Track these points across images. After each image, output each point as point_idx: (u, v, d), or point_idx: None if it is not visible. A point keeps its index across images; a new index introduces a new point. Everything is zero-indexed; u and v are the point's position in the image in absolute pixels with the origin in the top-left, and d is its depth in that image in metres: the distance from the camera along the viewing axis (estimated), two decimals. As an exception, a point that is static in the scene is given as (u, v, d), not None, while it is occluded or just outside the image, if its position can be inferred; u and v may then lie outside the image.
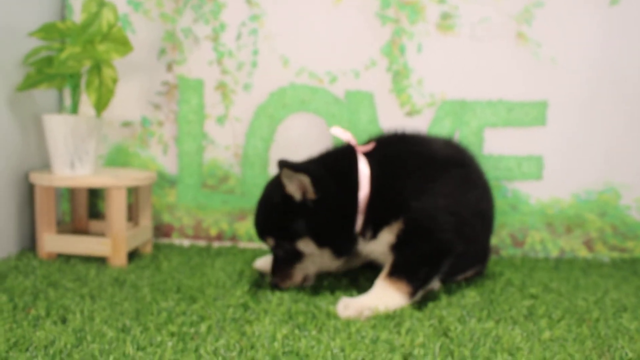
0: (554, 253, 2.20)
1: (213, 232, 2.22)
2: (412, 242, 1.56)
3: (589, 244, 2.20)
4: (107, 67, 1.86)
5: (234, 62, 2.18)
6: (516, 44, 2.14)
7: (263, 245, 2.18)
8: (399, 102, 2.15)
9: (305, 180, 1.50)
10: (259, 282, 1.71)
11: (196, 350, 1.16)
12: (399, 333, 1.31)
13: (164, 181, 2.21)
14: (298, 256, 1.60)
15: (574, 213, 2.18)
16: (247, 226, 2.21)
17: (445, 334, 1.32)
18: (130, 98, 2.19)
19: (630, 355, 1.23)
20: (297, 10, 2.16)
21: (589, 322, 1.43)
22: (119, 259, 1.85)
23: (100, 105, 1.86)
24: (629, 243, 2.19)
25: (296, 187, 1.52)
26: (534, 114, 2.15)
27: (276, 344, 1.20)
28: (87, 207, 2.15)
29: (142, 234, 2.01)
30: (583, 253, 2.20)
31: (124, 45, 1.84)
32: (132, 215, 2.09)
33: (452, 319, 1.41)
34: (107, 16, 1.78)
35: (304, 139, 2.16)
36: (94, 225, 2.16)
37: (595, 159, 2.17)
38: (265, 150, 2.19)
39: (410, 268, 1.55)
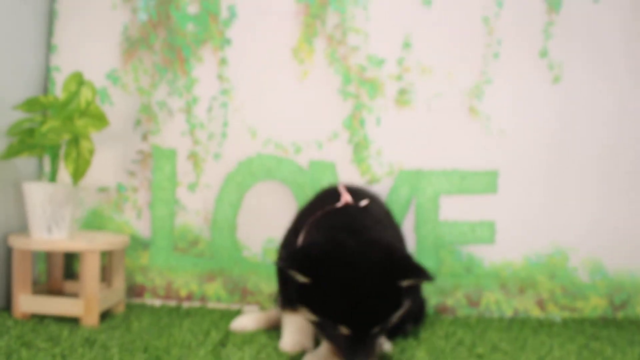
0: (509, 313, 2.32)
1: (183, 292, 2.32)
2: None
3: (541, 304, 2.32)
4: (84, 140, 1.99)
5: (205, 133, 2.33)
6: (468, 117, 2.31)
7: (230, 306, 2.29)
8: (359, 171, 2.30)
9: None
10: (223, 341, 1.80)
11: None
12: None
13: (137, 244, 2.33)
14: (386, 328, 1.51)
15: (525, 275, 2.32)
16: (215, 287, 2.32)
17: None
18: (107, 165, 2.33)
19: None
20: (265, 85, 2.32)
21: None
22: (91, 319, 1.94)
23: (77, 175, 1.99)
24: (579, 303, 2.32)
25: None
26: (485, 182, 2.30)
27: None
28: (63, 268, 2.25)
29: (115, 295, 2.11)
30: (536, 312, 2.32)
31: (100, 121, 1.98)
32: (106, 276, 2.19)
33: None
34: (85, 94, 1.93)
35: (270, 206, 2.30)
36: (69, 285, 2.25)
37: (544, 223, 2.32)
38: (234, 215, 2.32)
39: None
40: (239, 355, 1.66)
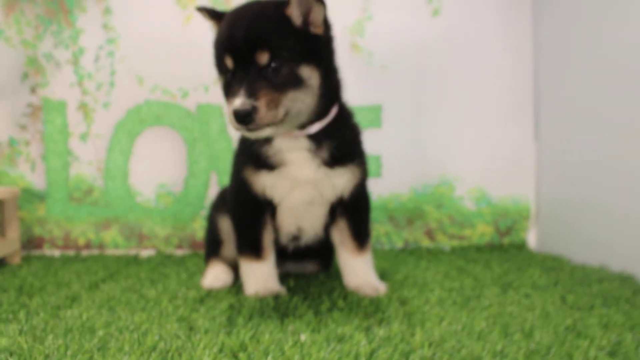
0: (399, 244, 2.41)
1: (81, 241, 2.38)
2: (363, 199, 1.74)
3: (430, 234, 2.41)
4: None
5: (94, 83, 2.35)
6: (350, 54, 2.36)
7: (128, 251, 2.35)
8: (246, 113, 2.35)
9: (320, 10, 1.38)
10: (105, 279, 1.86)
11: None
12: (196, 311, 1.48)
13: (33, 196, 2.37)
14: (294, 83, 1.37)
15: (413, 206, 2.40)
16: (112, 234, 2.37)
17: (231, 306, 1.49)
18: (-4, 120, 2.35)
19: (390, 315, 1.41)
20: (150, 31, 2.35)
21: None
22: (-22, 268, 1.99)
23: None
24: (466, 231, 2.41)
25: (300, 12, 1.38)
26: (370, 117, 2.37)
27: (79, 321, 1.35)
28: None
29: (8, 246, 2.15)
30: (426, 243, 2.41)
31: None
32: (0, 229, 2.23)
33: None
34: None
35: (160, 151, 2.35)
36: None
37: (429, 155, 2.39)
38: (125, 162, 2.36)
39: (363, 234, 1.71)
40: (113, 286, 1.73)
